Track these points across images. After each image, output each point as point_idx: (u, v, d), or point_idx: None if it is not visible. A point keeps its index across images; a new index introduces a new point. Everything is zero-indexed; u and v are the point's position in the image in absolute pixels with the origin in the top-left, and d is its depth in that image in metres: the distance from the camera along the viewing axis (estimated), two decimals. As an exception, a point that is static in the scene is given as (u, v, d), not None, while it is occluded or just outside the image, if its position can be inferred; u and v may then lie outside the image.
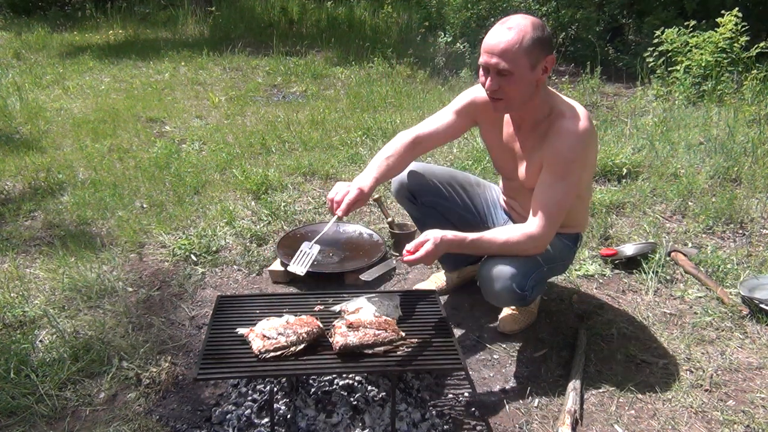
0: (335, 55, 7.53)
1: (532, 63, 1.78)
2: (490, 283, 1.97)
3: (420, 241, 1.85)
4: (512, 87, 1.81)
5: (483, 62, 1.82)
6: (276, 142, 4.41)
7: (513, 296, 1.96)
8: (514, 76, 1.78)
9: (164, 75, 6.71)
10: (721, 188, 3.50)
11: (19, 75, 6.56)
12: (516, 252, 1.95)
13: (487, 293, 2.04)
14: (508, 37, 1.75)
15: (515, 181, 2.13)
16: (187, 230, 3.10)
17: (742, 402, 1.96)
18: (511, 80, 1.79)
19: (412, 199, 2.28)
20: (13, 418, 1.87)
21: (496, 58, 1.77)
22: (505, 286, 1.93)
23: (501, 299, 2.03)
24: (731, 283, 2.60)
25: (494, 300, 2.06)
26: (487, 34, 1.81)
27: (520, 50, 1.75)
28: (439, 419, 1.83)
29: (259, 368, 1.63)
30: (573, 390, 1.94)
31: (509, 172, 2.15)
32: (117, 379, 2.03)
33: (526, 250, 1.95)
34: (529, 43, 1.75)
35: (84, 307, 2.44)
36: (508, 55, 1.75)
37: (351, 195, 1.91)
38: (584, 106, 1.92)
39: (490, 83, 1.83)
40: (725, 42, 5.17)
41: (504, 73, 1.78)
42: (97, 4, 10.46)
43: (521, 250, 1.94)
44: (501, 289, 1.94)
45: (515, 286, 1.93)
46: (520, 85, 1.81)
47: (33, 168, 3.93)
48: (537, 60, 1.79)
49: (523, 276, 1.94)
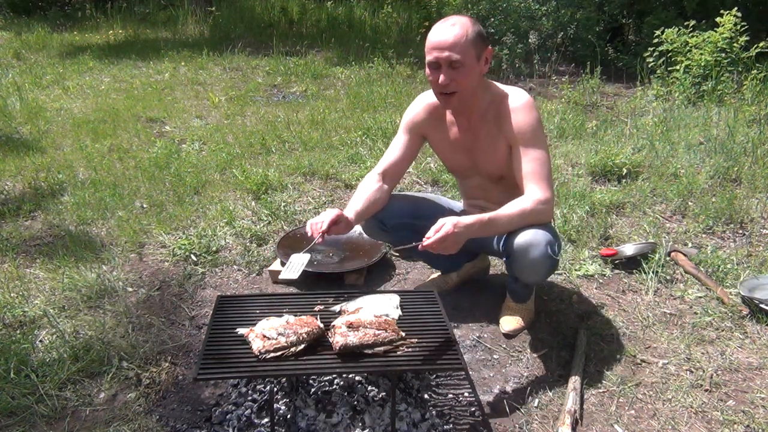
0: (335, 55, 7.54)
1: (478, 54, 1.95)
2: (526, 254, 1.96)
3: (437, 227, 1.84)
4: (463, 78, 1.95)
5: (433, 58, 1.95)
6: (276, 142, 4.42)
7: (549, 263, 1.99)
8: (465, 67, 1.93)
9: (164, 75, 6.71)
10: (721, 188, 3.50)
11: (19, 75, 6.56)
12: (533, 219, 1.95)
13: (522, 265, 2.02)
14: (455, 32, 1.91)
15: (476, 178, 2.21)
16: (187, 230, 3.10)
17: (742, 402, 1.96)
18: (462, 71, 1.93)
19: (382, 226, 2.27)
20: (13, 418, 1.87)
21: (447, 51, 1.91)
22: (543, 253, 1.95)
23: (538, 267, 2.01)
24: (731, 283, 2.60)
25: (530, 270, 2.04)
26: (430, 34, 1.96)
27: (467, 42, 1.91)
28: (439, 419, 1.83)
29: (259, 368, 1.63)
30: (573, 390, 1.94)
31: (467, 170, 2.23)
32: (117, 379, 2.03)
33: (541, 213, 1.96)
34: (473, 35, 1.92)
35: (84, 307, 2.44)
36: (457, 47, 1.90)
37: (330, 214, 1.96)
38: (584, 107, 1.95)
39: (443, 78, 1.95)
40: (725, 42, 5.17)
41: (455, 65, 1.92)
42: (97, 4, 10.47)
43: (537, 215, 1.95)
44: (539, 255, 1.95)
45: (551, 251, 1.96)
46: (470, 76, 1.96)
47: (33, 168, 3.93)
48: (481, 51, 1.96)
49: (554, 240, 1.98)
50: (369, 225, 2.30)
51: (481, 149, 2.13)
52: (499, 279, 2.69)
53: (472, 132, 2.12)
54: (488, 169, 2.17)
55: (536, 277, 2.15)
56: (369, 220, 2.26)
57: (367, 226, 2.32)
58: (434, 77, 1.98)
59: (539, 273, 2.07)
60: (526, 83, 6.19)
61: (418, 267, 2.80)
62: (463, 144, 2.17)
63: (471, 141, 2.14)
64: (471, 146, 2.15)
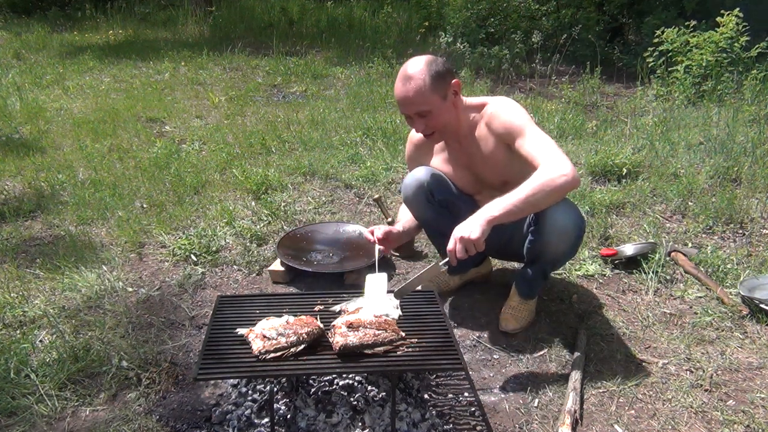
0: (335, 55, 7.54)
1: (442, 95, 2.02)
2: (557, 222, 2.04)
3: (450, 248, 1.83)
4: (436, 121, 2.06)
5: (403, 113, 2.09)
6: (276, 142, 4.42)
7: (578, 234, 2.09)
8: (433, 112, 2.02)
9: (164, 75, 6.71)
10: (721, 188, 3.50)
11: (19, 75, 6.57)
12: (562, 187, 1.86)
13: (550, 237, 2.08)
14: (412, 86, 1.99)
15: (484, 192, 2.23)
16: (187, 230, 3.10)
17: (742, 402, 1.96)
18: (431, 117, 2.04)
19: (430, 198, 2.26)
20: (13, 418, 1.87)
21: (411, 106, 2.02)
22: (576, 223, 2.05)
23: (568, 235, 2.08)
24: (731, 283, 2.60)
25: (557, 241, 2.10)
26: (394, 89, 2.06)
27: (426, 90, 1.99)
28: (439, 419, 1.83)
29: (259, 368, 1.63)
30: (573, 390, 1.94)
31: (474, 185, 2.29)
32: (117, 379, 2.03)
33: (566, 177, 1.85)
34: (430, 81, 1.98)
35: (84, 307, 2.44)
36: (418, 99, 2.00)
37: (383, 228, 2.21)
38: (584, 106, 1.95)
39: (417, 126, 2.08)
40: (726, 42, 5.17)
41: (423, 114, 2.03)
42: (97, 4, 10.47)
43: (563, 182, 1.85)
44: (571, 225, 2.04)
45: (581, 223, 2.08)
46: (441, 116, 2.05)
47: (33, 168, 3.93)
48: (445, 90, 2.03)
49: (579, 218, 2.09)
50: (417, 194, 2.27)
51: (479, 162, 2.18)
52: (500, 279, 2.69)
53: (465, 150, 2.21)
54: (490, 179, 2.19)
55: (563, 246, 2.14)
56: (418, 190, 2.26)
57: (414, 195, 2.27)
58: (411, 125, 2.12)
59: (569, 243, 2.12)
60: (527, 83, 6.19)
61: (418, 267, 2.80)
62: (460, 161, 2.25)
63: (466, 158, 2.22)
64: (468, 162, 2.23)
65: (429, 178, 2.24)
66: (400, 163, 3.94)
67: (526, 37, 6.95)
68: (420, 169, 2.27)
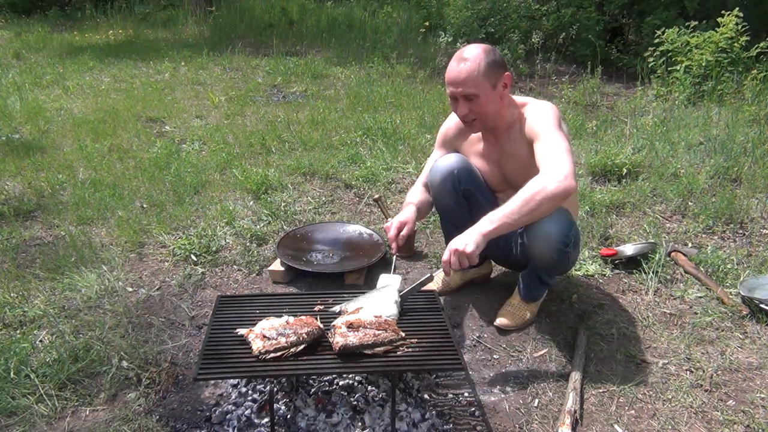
0: (335, 55, 7.53)
1: (493, 83, 2.04)
2: (542, 229, 2.03)
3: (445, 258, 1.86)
4: (481, 107, 2.06)
5: (450, 93, 2.09)
6: (276, 142, 4.41)
7: (563, 241, 2.05)
8: (480, 97, 2.04)
9: (164, 75, 6.71)
10: (721, 188, 3.49)
11: (19, 75, 6.56)
12: (554, 193, 1.84)
13: (536, 243, 2.08)
14: (466, 67, 2.01)
15: (509, 191, 2.15)
16: (187, 230, 3.10)
17: (742, 402, 1.96)
18: (478, 102, 2.05)
19: (456, 185, 2.25)
20: (13, 418, 1.87)
21: (461, 87, 2.03)
22: (561, 230, 2.03)
23: (552, 242, 2.05)
24: (731, 283, 2.60)
25: (544, 247, 2.08)
26: (447, 69, 2.08)
27: (479, 75, 2.01)
28: (439, 419, 1.83)
29: (259, 368, 1.63)
30: (573, 390, 1.94)
31: (500, 183, 2.29)
32: (117, 379, 2.03)
33: (559, 182, 1.85)
34: (485, 67, 2.01)
35: (84, 307, 2.44)
36: (470, 81, 2.01)
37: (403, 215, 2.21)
38: (584, 106, 1.96)
39: (461, 109, 2.08)
40: (726, 42, 5.17)
41: (471, 97, 2.04)
42: (97, 4, 10.48)
43: (555, 188, 1.84)
44: (555, 232, 2.02)
45: (567, 231, 2.05)
46: (487, 104, 2.06)
47: (33, 168, 3.93)
48: (496, 79, 2.05)
49: (567, 228, 2.05)
50: (445, 179, 2.26)
51: (509, 160, 2.20)
52: (500, 279, 2.69)
53: (499, 146, 2.22)
54: (516, 178, 2.15)
55: (549, 253, 2.11)
56: (447, 176, 2.25)
57: (442, 180, 2.26)
58: (454, 108, 2.13)
59: (550, 259, 2.12)
60: (527, 83, 6.19)
61: (418, 267, 2.80)
62: (492, 157, 2.26)
63: (498, 154, 2.24)
64: (499, 159, 2.24)
65: (460, 166, 2.25)
66: (400, 163, 3.94)
67: (526, 37, 6.95)
68: (453, 155, 2.29)
